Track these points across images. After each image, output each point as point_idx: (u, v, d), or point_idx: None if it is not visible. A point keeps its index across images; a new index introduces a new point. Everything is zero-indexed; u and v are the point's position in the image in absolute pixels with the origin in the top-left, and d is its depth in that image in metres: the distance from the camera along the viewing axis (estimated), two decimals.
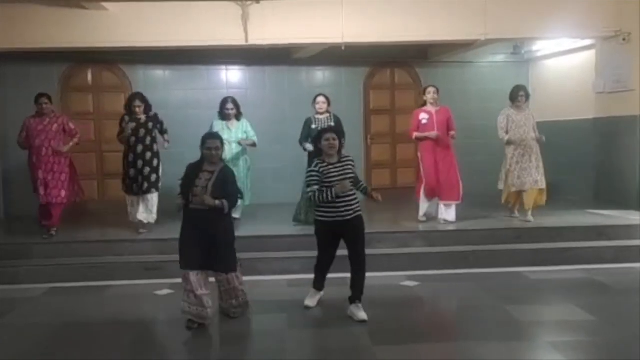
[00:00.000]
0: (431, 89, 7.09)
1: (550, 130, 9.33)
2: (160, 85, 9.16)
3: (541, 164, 7.07)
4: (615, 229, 6.81)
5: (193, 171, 4.59)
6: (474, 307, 5.06)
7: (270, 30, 7.32)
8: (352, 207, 4.69)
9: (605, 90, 8.04)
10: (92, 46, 7.42)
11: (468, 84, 9.72)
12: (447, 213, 7.10)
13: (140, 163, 6.76)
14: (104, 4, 7.05)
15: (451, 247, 6.53)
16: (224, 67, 9.37)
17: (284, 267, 6.00)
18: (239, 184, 5.18)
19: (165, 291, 5.60)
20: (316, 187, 4.61)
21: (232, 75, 9.43)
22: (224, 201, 4.48)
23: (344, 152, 4.86)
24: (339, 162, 4.70)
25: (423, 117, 7.02)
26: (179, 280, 5.70)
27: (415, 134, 7.07)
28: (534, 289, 5.56)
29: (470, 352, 4.07)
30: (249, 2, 7.21)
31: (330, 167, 4.66)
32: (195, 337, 4.59)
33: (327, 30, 7.36)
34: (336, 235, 4.75)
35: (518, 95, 7.08)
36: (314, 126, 6.89)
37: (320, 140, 4.67)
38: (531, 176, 6.97)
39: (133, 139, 6.77)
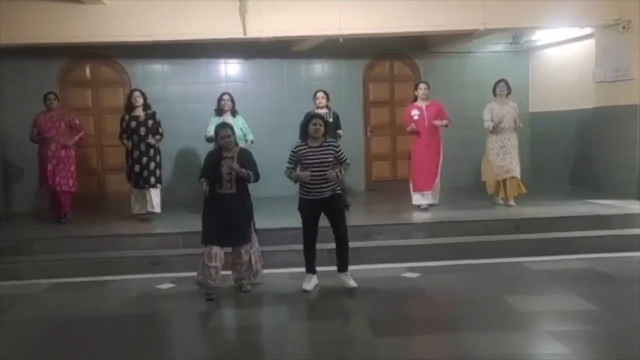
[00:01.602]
0: (422, 85, 7.49)
1: (550, 120, 9.39)
2: (159, 79, 9.14)
3: (517, 155, 7.51)
4: (615, 218, 6.81)
5: (214, 159, 5.11)
6: (475, 297, 5.07)
7: (268, 22, 7.29)
8: (328, 187, 5.16)
9: (605, 79, 8.01)
10: (90, 41, 7.39)
11: (467, 74, 9.70)
12: (430, 198, 7.52)
13: (144, 160, 7.18)
14: None
15: (451, 238, 6.53)
16: (222, 60, 9.34)
17: (285, 260, 6.01)
18: None
19: (167, 285, 5.62)
20: (291, 166, 5.18)
21: (230, 69, 9.41)
22: (250, 172, 5.08)
23: (340, 141, 5.45)
24: (320, 146, 5.15)
25: (415, 112, 7.40)
26: (181, 274, 5.82)
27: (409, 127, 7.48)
28: (534, 279, 5.57)
29: (470, 343, 4.08)
30: None
31: (309, 150, 5.13)
32: (196, 330, 4.63)
33: (324, 22, 7.34)
34: (316, 210, 5.23)
35: (498, 88, 7.52)
36: None
37: (308, 125, 5.11)
38: (511, 165, 7.44)
39: (135, 137, 7.15)
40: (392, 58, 9.76)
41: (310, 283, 5.33)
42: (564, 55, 9.20)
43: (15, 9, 7.09)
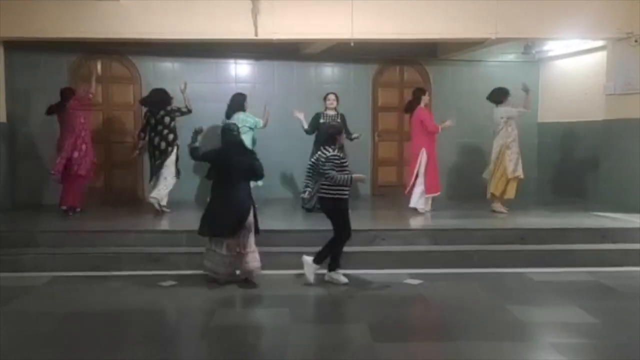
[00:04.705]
0: (427, 93, 7.95)
1: (559, 131, 9.36)
2: (169, 78, 9.11)
3: None
4: (621, 232, 6.76)
5: (228, 156, 5.49)
6: (477, 306, 5.05)
7: (279, 25, 7.31)
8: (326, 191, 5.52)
9: (615, 92, 7.98)
10: (103, 37, 7.44)
11: (477, 83, 9.63)
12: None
13: (157, 154, 7.56)
14: None
15: (455, 246, 6.50)
16: (232, 60, 9.35)
17: (290, 262, 5.98)
18: None
19: (169, 282, 5.62)
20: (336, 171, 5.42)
21: (240, 69, 9.41)
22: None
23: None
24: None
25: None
26: (183, 271, 5.84)
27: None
28: (537, 290, 5.55)
29: (471, 352, 4.07)
30: None
31: (343, 158, 5.56)
32: (197, 329, 4.62)
33: (336, 26, 7.35)
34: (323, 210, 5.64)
35: (508, 95, 7.72)
36: (322, 120, 7.57)
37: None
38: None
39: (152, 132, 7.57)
40: (402, 64, 9.75)
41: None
42: (574, 66, 9.17)
43: (29, 3, 7.14)
